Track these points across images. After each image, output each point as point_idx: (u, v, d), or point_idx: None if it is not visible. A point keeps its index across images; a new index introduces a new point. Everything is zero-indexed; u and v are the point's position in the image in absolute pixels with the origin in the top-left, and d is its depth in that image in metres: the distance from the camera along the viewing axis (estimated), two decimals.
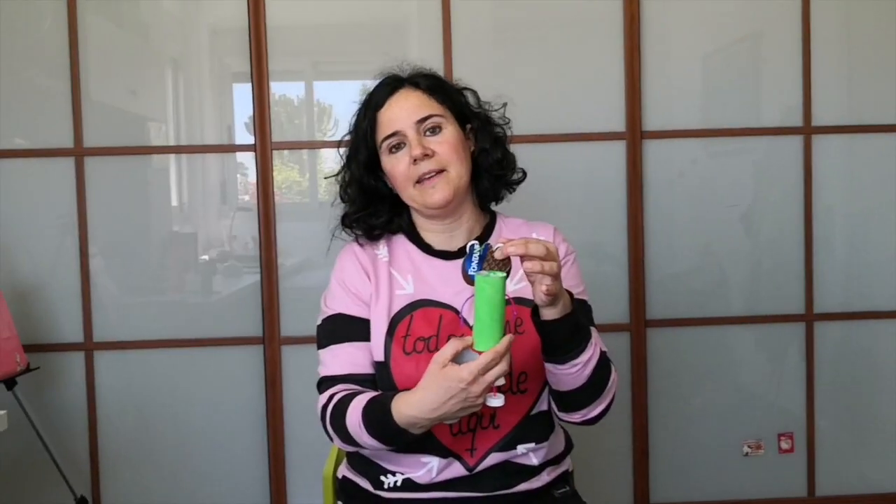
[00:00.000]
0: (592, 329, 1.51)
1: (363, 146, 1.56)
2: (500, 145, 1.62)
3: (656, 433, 2.80)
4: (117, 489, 2.76)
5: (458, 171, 1.53)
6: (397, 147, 1.53)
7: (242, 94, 2.72)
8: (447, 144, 1.52)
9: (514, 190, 1.65)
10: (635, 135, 2.72)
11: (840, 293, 2.82)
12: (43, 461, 2.55)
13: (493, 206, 1.66)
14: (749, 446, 2.82)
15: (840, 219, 2.82)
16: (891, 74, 2.78)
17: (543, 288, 1.28)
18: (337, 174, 1.64)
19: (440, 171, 1.51)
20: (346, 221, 1.61)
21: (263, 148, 2.68)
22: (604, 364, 1.43)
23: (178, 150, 2.77)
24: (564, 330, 1.35)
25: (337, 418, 1.45)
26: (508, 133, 1.65)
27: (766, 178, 2.81)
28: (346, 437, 1.44)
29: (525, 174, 1.65)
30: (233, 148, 2.77)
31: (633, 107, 2.71)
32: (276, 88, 2.74)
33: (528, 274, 1.29)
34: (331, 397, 1.48)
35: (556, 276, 1.28)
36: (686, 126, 2.76)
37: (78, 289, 2.70)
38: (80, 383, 2.72)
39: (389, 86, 1.56)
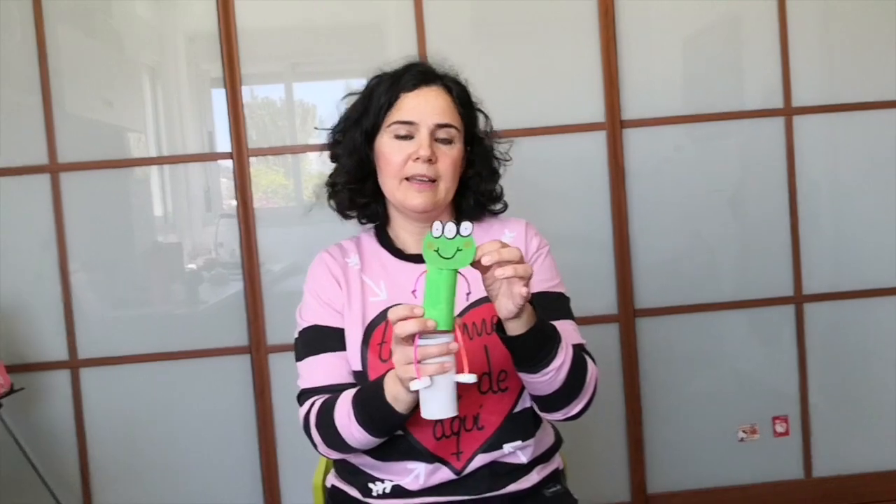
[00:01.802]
0: (569, 323, 1.50)
1: (372, 116, 1.53)
2: (495, 180, 1.61)
3: (650, 423, 2.79)
4: None
5: (446, 187, 1.52)
6: (405, 137, 1.50)
7: (222, 100, 2.69)
8: (450, 160, 1.51)
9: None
10: (615, 124, 2.70)
11: (828, 273, 2.81)
12: (32, 482, 2.54)
13: None
14: (744, 431, 2.81)
15: (825, 198, 2.81)
16: (868, 52, 2.76)
17: (517, 290, 1.22)
18: (334, 128, 1.60)
19: (432, 181, 1.49)
20: (335, 187, 1.59)
21: (240, 154, 2.66)
22: (578, 363, 1.40)
23: (155, 161, 2.74)
24: (532, 342, 1.31)
25: (324, 418, 1.43)
26: (502, 169, 1.63)
27: (750, 161, 2.80)
28: (332, 437, 1.43)
29: (507, 206, 1.64)
30: (210, 157, 2.74)
31: (611, 96, 2.69)
32: (257, 91, 2.72)
33: (491, 284, 1.25)
34: (312, 404, 1.47)
35: (527, 281, 1.23)
36: (667, 113, 2.75)
37: (60, 306, 2.67)
38: (66, 401, 2.69)
39: (424, 74, 1.53)
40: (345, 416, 1.40)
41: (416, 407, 1.30)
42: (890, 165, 2.79)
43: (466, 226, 1.22)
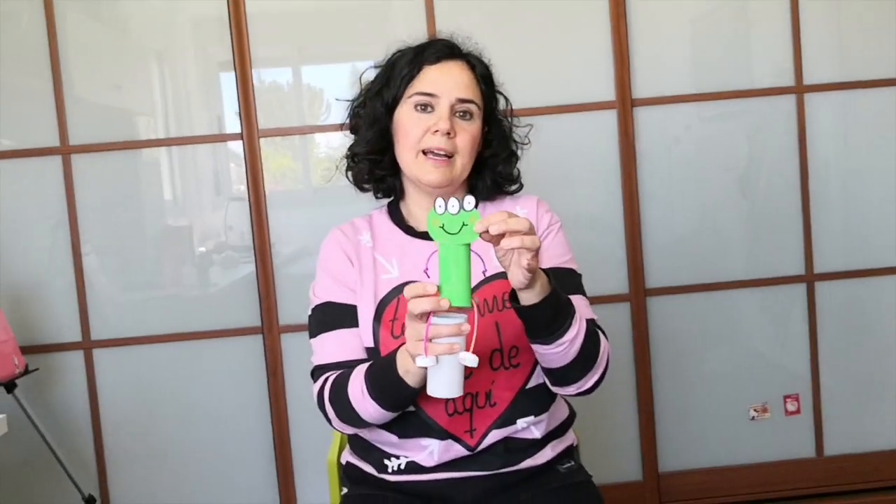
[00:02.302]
0: (581, 299, 1.50)
1: (393, 87, 1.53)
2: (513, 162, 1.61)
3: (662, 402, 2.79)
4: (125, 485, 2.75)
5: (463, 164, 1.52)
6: (425, 107, 1.50)
7: (229, 83, 2.69)
8: (468, 135, 1.51)
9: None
10: (626, 103, 2.69)
11: (840, 252, 2.80)
12: (48, 462, 2.55)
13: None
14: (755, 410, 2.81)
15: (836, 177, 2.80)
16: (880, 29, 2.74)
17: (525, 263, 1.21)
18: (355, 99, 1.61)
19: (448, 156, 1.49)
20: (354, 158, 1.59)
21: (251, 136, 2.66)
22: (592, 336, 1.40)
23: (164, 142, 2.74)
24: (546, 312, 1.31)
25: (337, 392, 1.44)
26: (520, 150, 1.63)
27: (761, 139, 2.79)
28: (346, 412, 1.44)
29: (522, 187, 1.64)
30: (220, 137, 2.74)
31: (622, 75, 2.68)
32: (264, 75, 2.71)
33: (503, 255, 1.24)
34: (326, 379, 1.48)
35: (536, 252, 1.22)
36: (677, 91, 2.73)
37: (73, 287, 2.69)
38: (80, 382, 2.71)
39: (449, 48, 1.53)
40: (358, 391, 1.41)
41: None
42: None
43: (469, 199, 1.22)
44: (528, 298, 1.29)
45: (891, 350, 2.83)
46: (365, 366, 1.43)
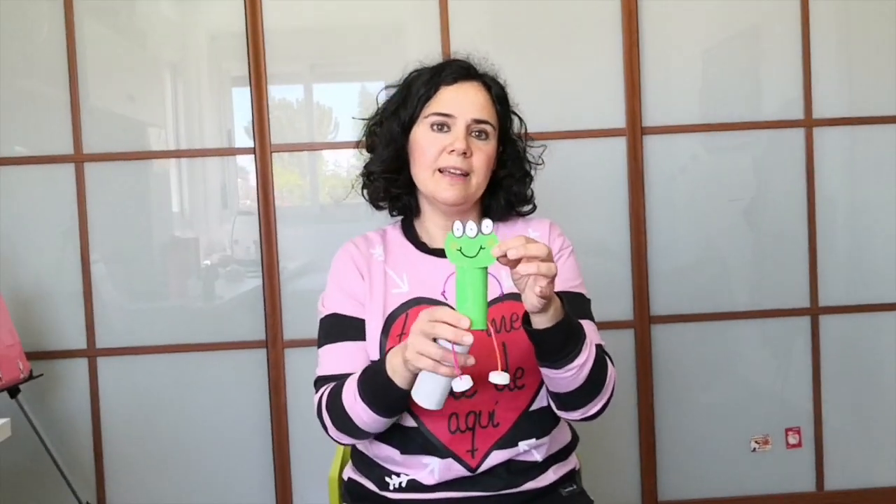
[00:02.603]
0: (589, 324, 1.50)
1: (410, 106, 1.54)
2: (527, 182, 1.62)
3: (663, 430, 2.78)
4: (123, 495, 2.75)
5: (478, 182, 1.53)
6: (441, 127, 1.51)
7: (241, 99, 2.71)
8: (483, 155, 1.52)
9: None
10: (636, 130, 2.71)
11: (845, 286, 2.81)
12: (48, 468, 2.55)
13: None
14: (757, 442, 2.81)
15: (843, 211, 2.81)
16: (891, 65, 2.77)
17: (537, 290, 1.22)
18: (371, 118, 1.62)
19: (465, 175, 1.51)
20: (370, 177, 1.60)
21: (263, 150, 2.68)
22: (600, 362, 1.41)
23: (176, 154, 2.76)
24: (558, 337, 1.31)
25: (333, 400, 1.44)
26: (533, 171, 1.64)
27: (768, 171, 2.80)
28: (341, 419, 1.43)
29: (535, 208, 1.65)
30: (232, 151, 2.76)
31: (632, 102, 2.70)
32: (275, 92, 2.74)
33: (519, 278, 1.24)
34: (326, 389, 1.48)
35: (551, 279, 1.23)
36: (687, 121, 2.75)
37: (80, 295, 2.70)
38: (83, 390, 2.72)
39: (465, 69, 1.55)
40: (351, 396, 1.41)
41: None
42: None
43: (487, 223, 1.22)
44: (541, 322, 1.29)
45: (893, 386, 2.83)
46: (359, 371, 1.43)
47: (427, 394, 1.28)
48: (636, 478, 2.78)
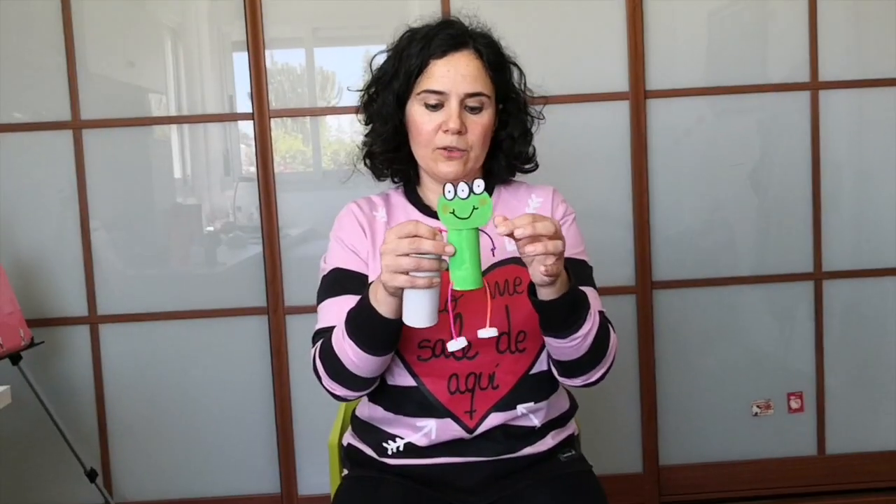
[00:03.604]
0: (591, 291, 1.50)
1: (402, 79, 1.51)
2: (528, 141, 1.60)
3: (664, 395, 2.79)
4: (127, 461, 2.77)
5: (477, 155, 1.52)
6: (435, 106, 1.49)
7: (242, 63, 2.68)
8: (480, 128, 1.50)
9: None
10: (639, 94, 2.68)
11: (849, 251, 2.79)
12: (51, 435, 2.57)
13: None
14: (758, 406, 2.81)
15: (848, 175, 2.78)
16: None
17: (543, 269, 1.22)
18: (367, 87, 1.59)
19: (462, 150, 1.49)
20: (373, 157, 1.59)
21: (262, 116, 2.66)
22: (603, 330, 1.41)
23: (175, 120, 2.75)
24: (563, 308, 1.32)
25: (326, 346, 1.43)
26: (535, 127, 1.62)
27: (773, 135, 2.77)
28: (332, 363, 1.42)
29: (538, 166, 1.63)
30: (231, 117, 2.74)
31: (636, 66, 2.67)
32: (277, 56, 2.71)
33: (526, 254, 1.23)
34: (322, 340, 1.47)
35: (559, 256, 1.23)
36: (691, 84, 2.72)
37: (81, 262, 2.70)
38: (85, 357, 2.73)
39: (455, 38, 1.51)
40: (339, 336, 1.40)
41: (400, 319, 1.31)
42: None
43: (479, 183, 1.21)
44: (547, 294, 1.30)
45: (895, 350, 2.83)
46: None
47: (413, 311, 1.26)
48: (637, 443, 2.79)
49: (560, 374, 1.48)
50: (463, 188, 1.21)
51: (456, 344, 1.28)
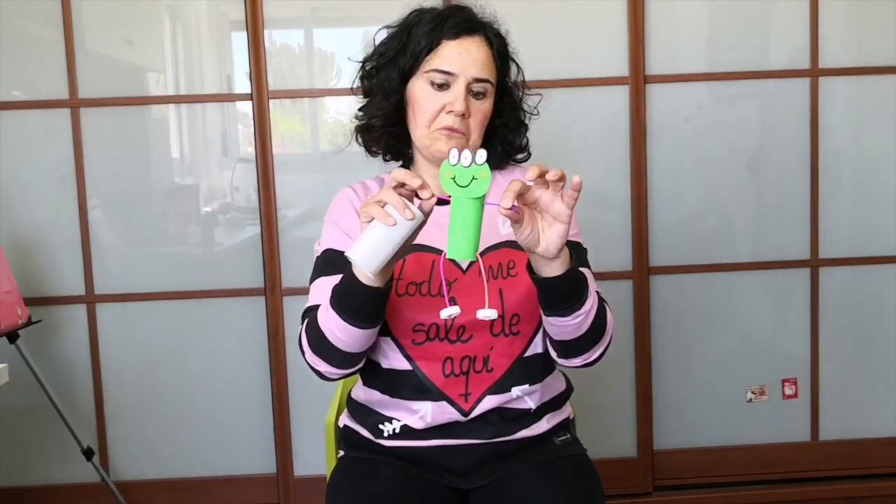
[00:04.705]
0: (587, 272, 1.50)
1: (410, 56, 1.51)
2: (522, 132, 1.62)
3: (660, 380, 2.80)
4: (123, 440, 2.78)
5: (474, 141, 1.52)
6: (441, 86, 1.49)
7: (241, 43, 2.67)
8: (481, 115, 1.51)
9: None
10: (639, 79, 2.67)
11: (846, 238, 2.79)
12: (48, 413, 2.58)
13: None
14: (753, 392, 2.82)
15: (847, 162, 2.78)
16: None
17: (570, 200, 1.24)
18: (368, 58, 1.59)
19: (463, 133, 1.50)
20: (371, 130, 1.59)
21: (260, 97, 2.65)
22: (601, 308, 1.42)
23: (172, 99, 2.74)
24: (567, 284, 1.33)
25: (312, 321, 1.43)
26: (528, 119, 1.63)
27: (773, 121, 2.77)
28: (316, 337, 1.41)
29: (530, 155, 1.64)
30: (230, 97, 2.73)
31: (636, 50, 2.66)
32: (276, 37, 2.70)
33: (528, 234, 1.25)
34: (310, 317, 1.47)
35: (566, 219, 1.25)
36: (691, 70, 2.71)
37: (78, 241, 2.70)
38: (82, 336, 2.73)
39: (468, 23, 1.52)
40: (323, 308, 1.40)
41: (382, 288, 1.32)
42: None
43: (482, 153, 1.22)
44: (553, 269, 1.30)
45: (891, 339, 2.83)
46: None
47: (360, 243, 1.25)
48: (632, 427, 2.80)
49: (560, 356, 1.48)
50: (466, 155, 1.22)
51: (448, 311, 1.27)
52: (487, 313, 1.26)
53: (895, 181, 2.78)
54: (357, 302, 1.35)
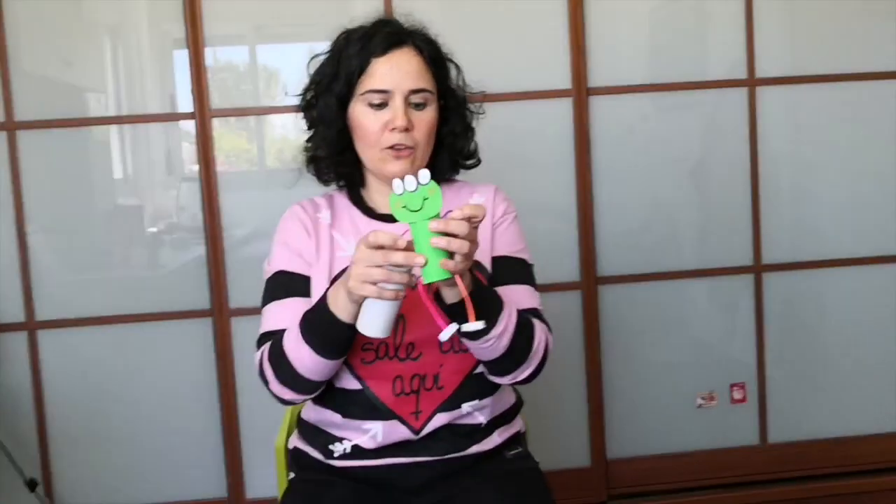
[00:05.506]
0: (526, 288, 1.51)
1: (343, 81, 1.50)
2: (470, 137, 1.61)
3: (611, 390, 2.81)
4: (69, 470, 2.71)
5: (423, 153, 1.52)
6: (379, 105, 1.48)
7: (184, 62, 2.64)
8: (425, 125, 1.50)
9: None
10: (581, 91, 2.70)
11: (787, 244, 2.84)
12: None
13: None
14: (702, 398, 2.85)
15: (786, 169, 2.84)
16: (831, 24, 2.79)
17: (449, 265, 1.21)
18: (306, 90, 1.58)
19: (410, 148, 1.49)
20: (317, 162, 1.57)
21: (202, 115, 2.62)
22: (523, 329, 1.41)
23: (114, 120, 2.69)
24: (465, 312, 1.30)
25: (275, 349, 1.42)
26: (475, 122, 1.63)
27: (714, 131, 2.82)
28: (283, 367, 1.40)
29: (480, 161, 1.64)
30: (172, 116, 2.70)
31: (577, 63, 2.68)
32: (220, 54, 2.68)
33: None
34: (268, 344, 1.46)
35: (465, 258, 1.23)
36: (633, 81, 2.75)
37: (17, 267, 2.63)
38: (23, 364, 2.66)
39: (395, 36, 1.50)
40: (293, 340, 1.39)
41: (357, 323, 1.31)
42: (849, 138, 2.83)
43: (424, 173, 1.22)
44: (450, 297, 1.30)
45: (834, 341, 2.89)
46: (300, 316, 1.41)
47: (371, 321, 1.28)
48: (585, 436, 2.81)
49: (489, 373, 1.49)
50: (410, 181, 1.22)
51: (446, 333, 1.26)
52: (474, 326, 1.25)
53: (832, 186, 2.85)
54: (332, 336, 1.35)
